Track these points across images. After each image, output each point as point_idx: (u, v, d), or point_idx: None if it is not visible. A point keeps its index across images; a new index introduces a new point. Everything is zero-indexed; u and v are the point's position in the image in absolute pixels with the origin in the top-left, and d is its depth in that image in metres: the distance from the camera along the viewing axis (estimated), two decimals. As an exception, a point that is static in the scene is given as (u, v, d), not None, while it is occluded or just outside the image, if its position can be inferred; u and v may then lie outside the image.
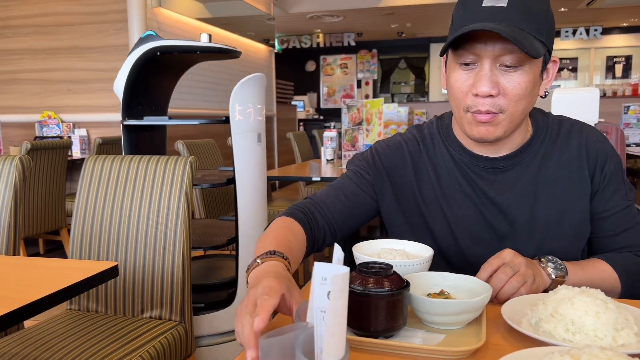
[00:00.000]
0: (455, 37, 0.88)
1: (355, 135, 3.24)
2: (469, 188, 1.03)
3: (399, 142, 1.12)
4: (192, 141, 2.97)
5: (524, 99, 0.91)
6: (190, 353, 1.53)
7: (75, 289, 0.96)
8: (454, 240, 1.04)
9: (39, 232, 3.38)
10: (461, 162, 1.04)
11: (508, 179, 1.02)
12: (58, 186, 3.50)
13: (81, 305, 1.59)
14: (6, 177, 1.54)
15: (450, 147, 1.06)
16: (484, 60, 0.89)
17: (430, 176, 1.07)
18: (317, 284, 0.50)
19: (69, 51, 4.63)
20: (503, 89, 0.90)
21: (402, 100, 10.63)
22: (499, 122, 0.93)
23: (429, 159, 1.08)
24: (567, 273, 0.91)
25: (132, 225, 1.55)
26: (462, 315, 0.75)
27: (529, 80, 0.90)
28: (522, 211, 1.01)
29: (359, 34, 10.49)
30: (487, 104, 0.91)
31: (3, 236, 1.51)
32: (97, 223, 1.58)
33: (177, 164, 1.56)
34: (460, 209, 1.04)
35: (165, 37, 4.93)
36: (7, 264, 1.16)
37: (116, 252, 1.55)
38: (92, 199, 1.59)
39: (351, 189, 1.10)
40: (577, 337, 0.70)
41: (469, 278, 0.84)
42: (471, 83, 0.92)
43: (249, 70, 6.84)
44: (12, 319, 0.83)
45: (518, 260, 0.88)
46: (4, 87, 4.82)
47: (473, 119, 0.94)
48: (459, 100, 0.95)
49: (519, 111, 0.93)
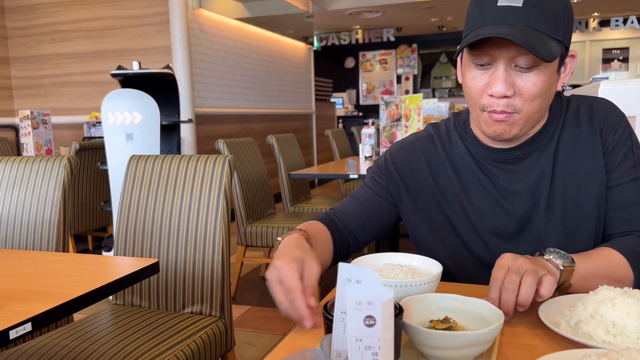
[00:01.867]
0: (469, 43, 0.88)
1: (393, 131, 3.21)
2: (488, 181, 1.03)
3: (412, 142, 1.13)
4: (233, 140, 3.03)
5: (540, 97, 0.91)
6: (230, 348, 1.57)
7: (119, 285, 1.00)
8: (477, 234, 1.04)
9: (87, 229, 3.52)
10: (478, 156, 1.04)
11: (526, 166, 1.01)
12: (105, 185, 3.63)
13: (125, 300, 1.65)
14: (55, 176, 1.61)
15: (467, 142, 1.06)
16: (499, 62, 0.89)
17: (448, 172, 1.06)
18: (350, 309, 0.46)
19: (114, 54, 4.79)
20: (518, 89, 0.90)
21: (444, 95, 10.46)
22: (515, 121, 0.93)
23: (446, 155, 1.08)
24: (573, 261, 0.85)
25: (173, 222, 1.59)
26: (467, 349, 0.64)
27: (545, 80, 0.89)
28: (540, 195, 1.00)
29: (398, 28, 10.38)
30: (502, 104, 0.91)
31: (53, 233, 1.58)
32: (139, 221, 1.63)
33: (216, 163, 1.59)
34: (480, 201, 1.03)
35: (205, 37, 5.04)
36: (57, 260, 1.22)
37: (158, 249, 1.60)
38: (135, 197, 1.65)
39: (367, 195, 1.12)
40: (618, 339, 0.68)
41: (479, 302, 0.74)
42: (486, 83, 0.92)
43: (289, 68, 6.89)
44: (61, 312, 0.87)
45: (520, 261, 0.81)
46: (55, 90, 5.03)
47: (489, 118, 0.94)
48: (474, 99, 0.95)
49: (534, 110, 0.92)
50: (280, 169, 3.35)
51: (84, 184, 3.44)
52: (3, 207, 1.65)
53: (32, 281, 1.01)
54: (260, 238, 2.92)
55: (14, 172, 1.66)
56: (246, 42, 5.76)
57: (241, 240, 2.97)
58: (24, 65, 5.09)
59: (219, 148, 2.91)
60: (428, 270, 0.86)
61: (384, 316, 0.44)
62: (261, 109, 6.09)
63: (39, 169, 1.64)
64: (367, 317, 0.45)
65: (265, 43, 6.21)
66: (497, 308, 0.70)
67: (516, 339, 0.73)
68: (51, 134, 3.76)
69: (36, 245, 1.59)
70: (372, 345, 0.45)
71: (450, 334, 0.64)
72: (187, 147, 4.64)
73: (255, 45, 5.97)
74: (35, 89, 5.09)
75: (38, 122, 3.64)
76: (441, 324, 0.69)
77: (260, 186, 3.16)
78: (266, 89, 6.25)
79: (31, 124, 3.59)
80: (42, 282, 1.00)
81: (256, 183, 3.11)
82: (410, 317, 0.70)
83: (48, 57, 4.99)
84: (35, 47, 5.01)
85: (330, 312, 0.59)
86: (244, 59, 5.70)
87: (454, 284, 0.98)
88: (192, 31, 4.72)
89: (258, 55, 6.04)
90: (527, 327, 0.76)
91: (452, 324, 0.69)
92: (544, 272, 0.81)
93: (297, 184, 3.54)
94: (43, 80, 5.05)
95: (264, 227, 2.91)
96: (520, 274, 0.80)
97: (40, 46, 5.00)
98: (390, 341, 0.45)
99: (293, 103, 7.05)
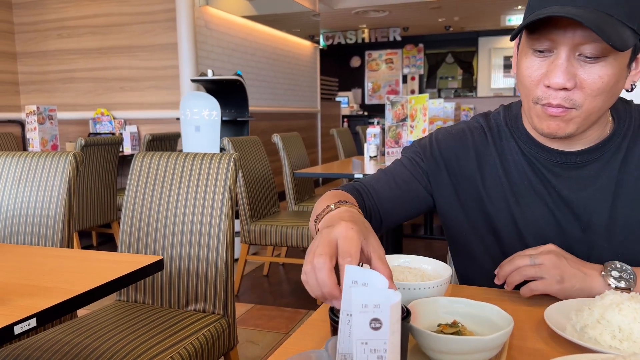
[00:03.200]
0: (528, 22, 0.78)
1: (399, 131, 3.21)
2: (540, 185, 0.93)
3: (463, 131, 1.02)
4: (238, 138, 3.03)
5: (604, 94, 0.80)
6: (233, 346, 1.57)
7: (123, 281, 1.00)
8: (521, 242, 0.95)
9: (92, 225, 3.53)
10: (531, 156, 0.94)
11: (584, 176, 0.91)
12: (110, 181, 3.64)
13: (129, 297, 1.65)
14: (61, 172, 1.61)
15: (519, 139, 0.96)
16: (561, 49, 0.79)
17: (497, 171, 0.97)
18: (356, 312, 0.45)
19: (120, 50, 4.80)
20: (580, 81, 0.79)
21: (449, 96, 10.44)
22: (572, 117, 0.82)
23: (497, 152, 0.98)
24: (634, 284, 0.81)
25: (178, 220, 1.59)
26: (474, 354, 0.63)
27: (613, 74, 0.79)
28: (599, 213, 0.91)
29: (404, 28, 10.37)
30: (560, 97, 0.81)
31: (58, 229, 1.58)
32: (144, 217, 1.63)
33: (222, 161, 1.59)
34: (530, 207, 0.94)
35: (211, 35, 5.04)
36: (62, 256, 1.22)
37: (162, 246, 1.60)
38: (140, 194, 1.65)
39: (403, 176, 1.02)
40: (624, 344, 0.68)
41: (488, 306, 0.71)
42: (544, 72, 0.81)
43: (295, 67, 6.89)
44: (66, 308, 0.87)
45: (549, 255, 0.82)
46: (61, 86, 5.05)
47: (542, 112, 0.84)
48: (528, 89, 0.85)
49: (596, 107, 0.82)
50: (285, 167, 3.35)
51: (89, 180, 3.45)
52: (8, 202, 1.65)
53: (37, 276, 1.01)
54: (264, 236, 2.92)
55: (20, 167, 1.66)
56: (252, 40, 5.76)
57: (245, 239, 2.98)
58: (30, 60, 5.11)
59: (224, 146, 2.91)
60: (438, 273, 0.84)
61: (392, 319, 0.44)
62: (266, 107, 6.09)
63: (45, 164, 1.64)
64: (373, 320, 0.45)
65: (271, 41, 6.21)
66: (507, 313, 0.68)
67: (521, 342, 0.73)
68: (57, 130, 3.77)
69: (41, 241, 1.60)
70: (378, 348, 0.45)
71: (459, 339, 0.62)
72: (192, 144, 4.65)
73: (261, 43, 5.97)
74: (41, 84, 5.11)
75: (44, 117, 3.66)
76: (449, 328, 0.68)
77: (265, 184, 3.16)
78: (272, 87, 6.25)
79: (37, 119, 3.60)
80: (47, 278, 1.00)
81: (260, 181, 3.11)
82: (417, 321, 0.69)
83: (54, 52, 5.01)
84: (42, 42, 5.03)
85: (336, 314, 0.59)
86: (249, 56, 5.70)
87: (464, 287, 0.96)
88: (199, 28, 4.73)
89: (264, 53, 6.04)
90: (532, 331, 0.76)
91: (461, 329, 0.68)
92: (551, 280, 0.81)
93: (301, 182, 3.55)
94: (49, 75, 5.06)
95: (268, 225, 2.91)
96: (533, 262, 0.82)
97: (46, 42, 5.01)
98: (397, 345, 0.45)
99: (298, 101, 7.05)
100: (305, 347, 0.72)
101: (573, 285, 0.82)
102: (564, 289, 0.82)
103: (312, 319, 0.80)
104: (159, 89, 4.73)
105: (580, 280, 0.82)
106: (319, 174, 3.14)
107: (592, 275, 0.83)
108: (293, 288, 3.26)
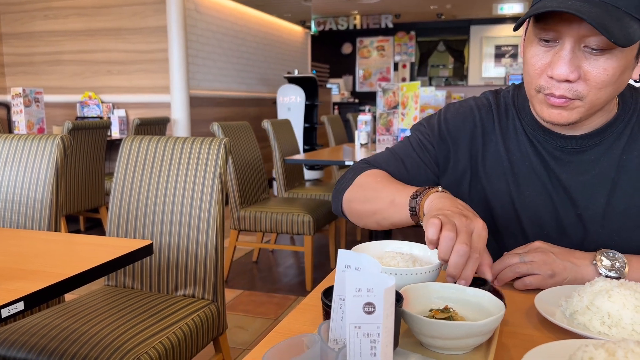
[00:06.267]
0: (531, 15, 0.77)
1: (390, 119, 3.20)
2: (541, 167, 0.93)
3: (471, 108, 1.02)
4: (228, 123, 3.00)
5: (609, 86, 0.79)
6: (222, 331, 1.57)
7: (112, 266, 0.99)
8: (517, 222, 0.96)
9: (79, 209, 3.49)
10: (534, 138, 0.94)
11: (584, 161, 0.91)
12: (98, 166, 3.60)
13: (118, 282, 1.64)
14: (48, 155, 1.59)
15: (524, 120, 0.96)
16: (566, 40, 0.78)
17: (499, 149, 0.97)
18: (350, 296, 0.45)
19: (108, 33, 4.73)
20: (584, 73, 0.78)
21: (440, 84, 10.44)
22: (575, 107, 0.82)
23: (501, 130, 0.98)
24: (625, 273, 0.82)
25: (167, 204, 1.58)
26: (465, 339, 0.63)
27: (618, 66, 0.78)
28: (597, 199, 0.90)
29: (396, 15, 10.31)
30: (563, 88, 0.80)
31: (45, 212, 1.56)
32: (133, 202, 1.62)
33: (212, 146, 1.58)
34: (528, 188, 0.94)
35: (202, 18, 4.98)
36: (49, 239, 1.21)
37: (152, 231, 1.59)
38: (129, 179, 1.63)
39: (413, 161, 1.03)
40: (613, 330, 0.68)
41: (480, 292, 0.72)
42: (548, 62, 0.81)
43: (286, 52, 6.83)
44: (53, 292, 0.86)
45: (538, 253, 0.84)
46: (47, 68, 4.97)
47: (545, 100, 0.83)
48: (532, 78, 0.84)
49: (601, 99, 0.81)
50: (275, 154, 3.34)
51: (77, 165, 3.41)
52: (-6, 185, 1.62)
53: (24, 260, 1.00)
54: (254, 223, 2.91)
55: (6, 150, 1.64)
56: (243, 25, 5.69)
57: (234, 225, 2.97)
58: (16, 41, 5.01)
59: (214, 131, 2.89)
60: (429, 259, 0.84)
61: (386, 304, 0.43)
62: (257, 93, 6.05)
63: (32, 147, 1.62)
64: (366, 304, 0.44)
65: (262, 26, 6.15)
66: (498, 299, 0.69)
67: (512, 328, 0.73)
68: (43, 113, 3.72)
69: (27, 225, 1.58)
70: (372, 332, 0.45)
71: (450, 324, 0.62)
72: (181, 129, 4.61)
73: (252, 28, 5.91)
74: (27, 66, 5.02)
75: (30, 100, 3.60)
76: (441, 314, 0.68)
77: (255, 171, 3.15)
78: (262, 73, 6.20)
79: (23, 101, 3.54)
80: (34, 262, 0.99)
81: (251, 167, 3.10)
82: (409, 306, 0.69)
83: (41, 34, 4.91)
84: (28, 23, 4.94)
85: (328, 299, 0.59)
86: (240, 41, 5.65)
87: None
88: (189, 12, 4.66)
89: (254, 38, 5.98)
90: (523, 317, 0.76)
91: (452, 314, 0.68)
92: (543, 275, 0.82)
93: (291, 169, 3.53)
94: (35, 57, 4.98)
95: (258, 212, 2.90)
96: (523, 260, 0.84)
97: (33, 23, 4.92)
98: (390, 329, 0.44)
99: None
100: (296, 331, 0.72)
101: (565, 278, 0.83)
102: (557, 283, 0.83)
103: (303, 304, 0.80)
104: (148, 73, 4.67)
105: (571, 272, 0.84)
106: (310, 161, 3.14)
107: (582, 265, 0.84)
108: (282, 274, 3.27)
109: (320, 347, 0.48)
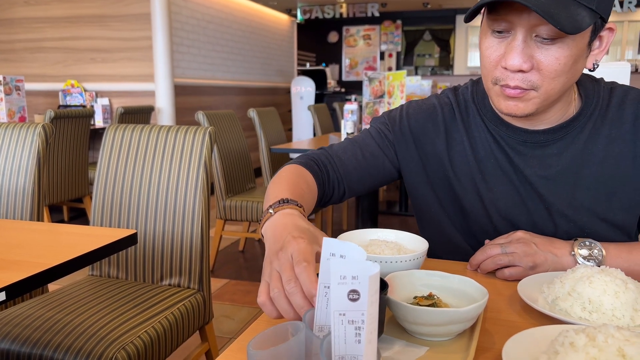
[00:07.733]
0: (480, 5, 0.77)
1: (376, 108, 3.20)
2: (506, 162, 0.93)
3: (434, 106, 1.01)
4: (213, 112, 2.98)
5: (563, 75, 0.79)
6: (208, 321, 1.56)
7: (95, 255, 0.98)
8: (488, 219, 0.96)
9: (63, 199, 3.45)
10: (496, 134, 0.94)
11: (548, 155, 0.91)
12: (81, 155, 3.55)
13: (102, 272, 1.63)
14: (30, 144, 1.56)
15: (485, 116, 0.96)
16: (517, 30, 0.78)
17: (464, 147, 0.97)
18: (334, 283, 0.44)
19: (91, 19, 4.65)
20: (537, 63, 0.78)
21: (426, 74, 10.45)
22: (530, 98, 0.82)
23: (464, 128, 0.97)
24: (603, 262, 0.83)
25: (152, 194, 1.57)
26: (449, 325, 0.63)
27: (570, 55, 0.78)
28: (562, 193, 0.90)
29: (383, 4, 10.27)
30: (517, 79, 0.80)
31: (27, 202, 1.54)
32: (117, 191, 1.60)
33: (197, 134, 1.56)
34: (496, 185, 0.94)
35: (186, 5, 4.91)
36: (31, 229, 1.19)
37: (136, 221, 1.58)
38: (112, 168, 1.61)
39: (371, 148, 1.02)
40: (594, 316, 0.69)
41: (463, 279, 0.72)
42: (502, 53, 0.81)
43: (271, 41, 6.78)
44: (35, 282, 0.85)
45: (519, 244, 0.84)
46: (28, 56, 4.87)
47: (501, 92, 0.83)
48: (487, 70, 0.84)
49: (555, 89, 0.81)
50: (261, 143, 3.32)
51: (59, 154, 3.36)
52: (-25, 174, 1.60)
53: (6, 250, 0.98)
54: (240, 212, 2.90)
55: (-14, 139, 1.61)
56: (228, 12, 5.63)
57: (220, 214, 2.96)
58: (-4, 28, 4.91)
59: (199, 120, 2.87)
60: (414, 247, 0.85)
61: (370, 291, 0.43)
62: (242, 82, 6.01)
63: (13, 136, 1.59)
64: (351, 291, 0.44)
65: (247, 14, 6.09)
66: (481, 286, 0.69)
67: (495, 314, 0.74)
68: (25, 101, 3.65)
69: (9, 215, 1.55)
70: (356, 319, 0.45)
71: (433, 311, 0.62)
72: (165, 118, 4.56)
73: (237, 15, 5.85)
74: (7, 53, 4.92)
75: (11, 88, 3.53)
76: (425, 301, 0.68)
77: (241, 160, 3.13)
78: (248, 61, 6.15)
79: (4, 89, 3.47)
80: (16, 251, 0.97)
81: (236, 157, 3.08)
82: (394, 293, 0.69)
83: (21, 20, 4.81)
84: (8, 9, 4.83)
85: None
86: (225, 29, 5.59)
87: (439, 261, 0.97)
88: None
89: (240, 26, 5.93)
90: (506, 303, 0.77)
91: (436, 301, 0.69)
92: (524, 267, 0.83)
93: (277, 158, 3.52)
94: (16, 44, 4.88)
95: (244, 201, 2.89)
96: (505, 251, 0.84)
97: (13, 9, 4.82)
98: (375, 316, 0.45)
99: (275, 76, 6.96)
100: (282, 320, 0.72)
101: (546, 269, 0.85)
102: (538, 273, 0.84)
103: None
104: (131, 61, 4.61)
105: (552, 263, 0.85)
106: (296, 150, 3.13)
107: (562, 255, 0.85)
108: (268, 263, 3.27)
109: (305, 334, 0.49)
